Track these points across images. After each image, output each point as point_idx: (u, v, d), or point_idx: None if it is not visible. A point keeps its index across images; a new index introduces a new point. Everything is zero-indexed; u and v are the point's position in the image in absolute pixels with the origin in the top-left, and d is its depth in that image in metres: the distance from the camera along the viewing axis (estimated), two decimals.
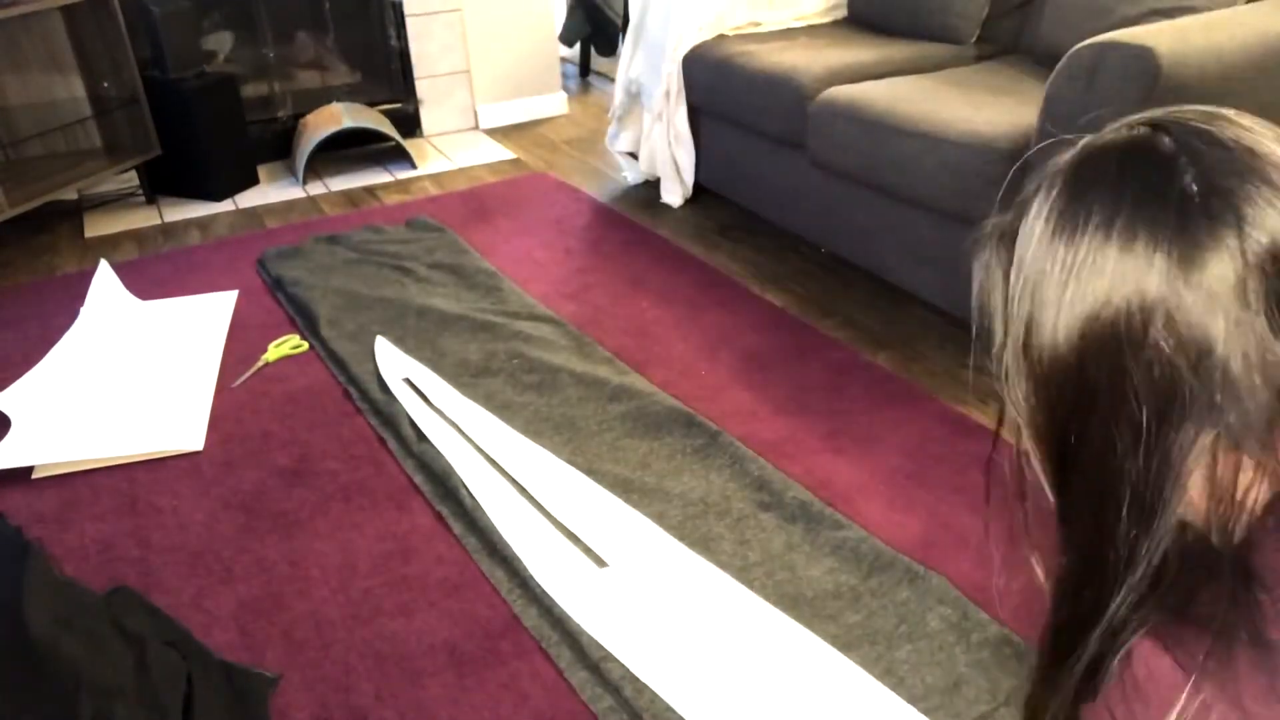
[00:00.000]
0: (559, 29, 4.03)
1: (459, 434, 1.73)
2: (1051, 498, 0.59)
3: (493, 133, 3.66)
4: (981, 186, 1.80)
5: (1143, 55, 1.48)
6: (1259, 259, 0.48)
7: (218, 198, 3.02)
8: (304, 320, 2.20)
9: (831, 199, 2.23)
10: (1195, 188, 0.50)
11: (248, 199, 3.05)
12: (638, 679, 1.21)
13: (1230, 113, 0.53)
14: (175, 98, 2.86)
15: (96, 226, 2.86)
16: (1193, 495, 0.52)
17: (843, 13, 2.82)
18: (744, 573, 1.39)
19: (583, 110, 3.91)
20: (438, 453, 1.67)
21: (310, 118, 3.27)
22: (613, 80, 3.32)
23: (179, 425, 1.81)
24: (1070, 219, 0.53)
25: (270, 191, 3.11)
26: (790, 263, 2.43)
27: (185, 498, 1.63)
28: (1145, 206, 0.50)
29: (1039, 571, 0.61)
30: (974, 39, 2.49)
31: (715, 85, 2.52)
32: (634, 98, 2.89)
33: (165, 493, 1.65)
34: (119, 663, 1.20)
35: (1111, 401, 0.52)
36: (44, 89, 2.89)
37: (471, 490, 1.57)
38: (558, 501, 1.55)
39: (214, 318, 2.23)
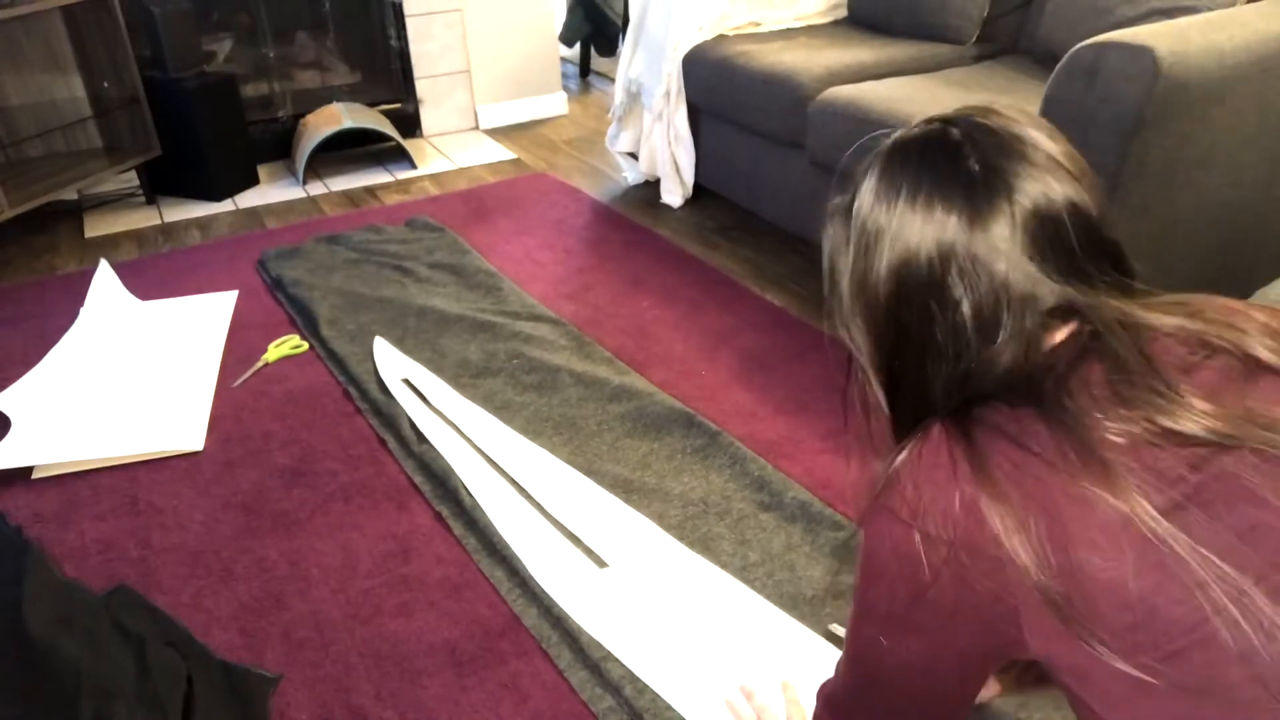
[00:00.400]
0: (559, 29, 4.03)
1: (458, 434, 1.73)
2: (885, 409, 0.75)
3: (493, 133, 3.66)
4: None
5: (1143, 55, 1.48)
6: (1025, 218, 0.65)
7: (218, 198, 3.03)
8: (304, 320, 2.20)
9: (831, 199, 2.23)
10: (977, 168, 0.66)
11: (248, 199, 3.05)
12: (638, 679, 1.21)
13: (1002, 107, 0.71)
14: (175, 98, 2.86)
15: (96, 226, 2.87)
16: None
17: (843, 13, 2.82)
18: (744, 572, 1.39)
19: (583, 110, 3.92)
20: (438, 453, 1.67)
21: (310, 118, 3.27)
22: (613, 80, 3.32)
23: (179, 425, 1.81)
24: (886, 193, 0.69)
25: (270, 191, 3.11)
26: (790, 263, 2.43)
27: (185, 498, 1.63)
28: (940, 182, 0.67)
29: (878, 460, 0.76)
30: (974, 39, 2.49)
31: (715, 85, 2.52)
32: (634, 98, 2.89)
33: (165, 493, 1.65)
34: (119, 663, 1.20)
35: (921, 331, 0.68)
36: (44, 89, 2.89)
37: (471, 490, 1.57)
38: (558, 502, 1.55)
39: (214, 318, 2.23)
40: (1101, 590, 0.58)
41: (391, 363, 1.96)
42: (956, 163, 0.67)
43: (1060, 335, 0.66)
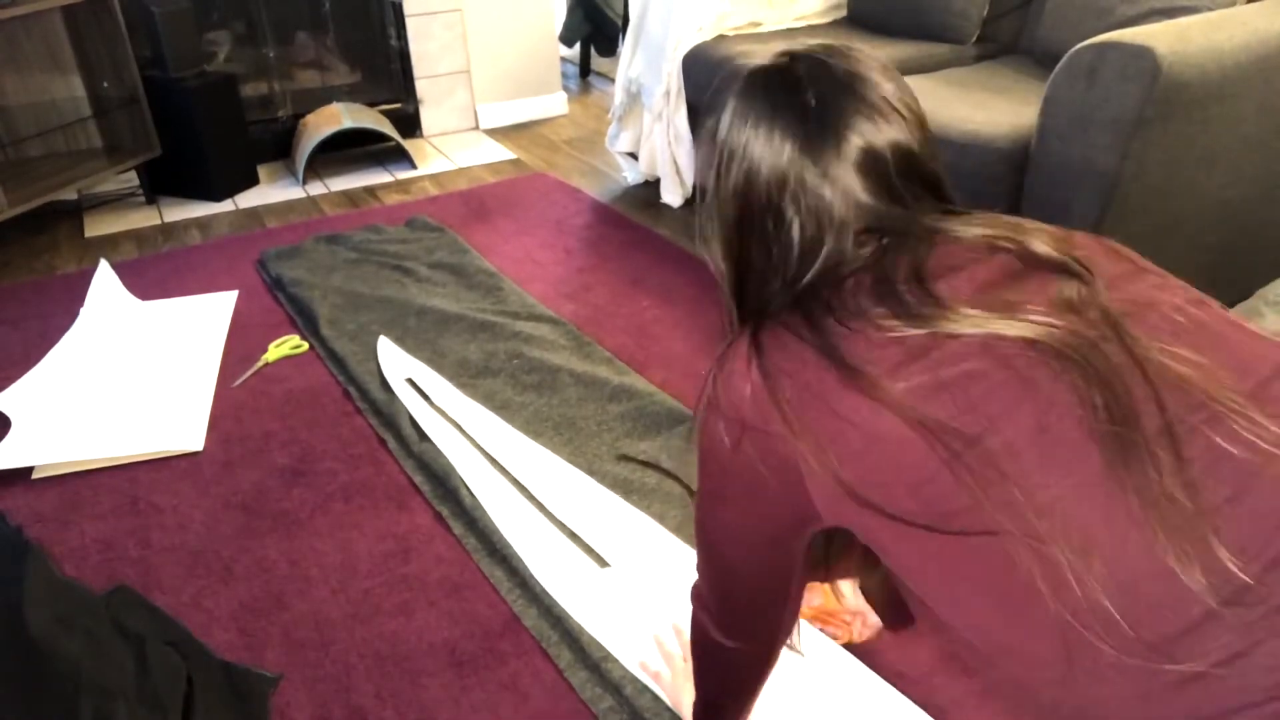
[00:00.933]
0: (559, 29, 4.03)
1: (461, 434, 1.73)
2: (731, 302, 0.84)
3: (493, 133, 3.66)
4: (982, 186, 1.80)
5: (1143, 55, 1.48)
6: (852, 151, 0.74)
7: (218, 198, 3.03)
8: (304, 320, 2.20)
9: None
10: (813, 102, 0.75)
11: (248, 199, 3.05)
12: (638, 679, 1.21)
13: (849, 47, 0.79)
14: (175, 98, 2.86)
15: (96, 226, 2.87)
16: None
17: (843, 13, 2.82)
18: None
19: (583, 110, 3.92)
20: (438, 452, 1.67)
21: (310, 118, 3.27)
22: (613, 80, 3.32)
23: (179, 425, 1.81)
24: (739, 119, 0.78)
25: (270, 191, 3.11)
26: None
27: (185, 498, 1.63)
28: (781, 112, 0.76)
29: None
30: (974, 39, 2.49)
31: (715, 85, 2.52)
32: (634, 98, 2.89)
33: (165, 493, 1.65)
34: (119, 663, 1.20)
35: (761, 238, 0.78)
36: (44, 89, 2.89)
37: (473, 490, 1.57)
38: (560, 502, 1.55)
39: (214, 318, 2.23)
40: (868, 462, 0.67)
41: (395, 362, 1.96)
42: (796, 96, 0.76)
43: (868, 249, 0.75)
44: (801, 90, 0.76)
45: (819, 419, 0.69)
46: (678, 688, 1.16)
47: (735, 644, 0.90)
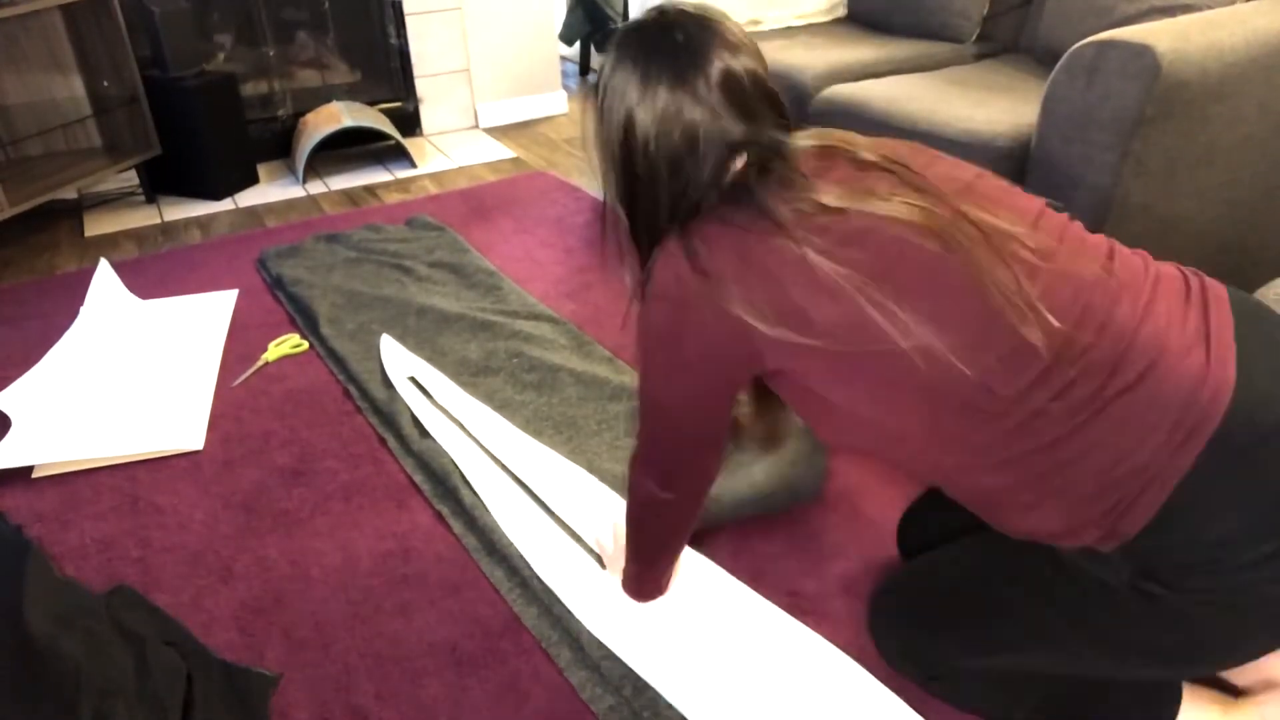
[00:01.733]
0: (559, 28, 4.03)
1: (463, 431, 1.73)
2: (627, 224, 1.00)
3: (493, 131, 3.66)
4: None
5: (1143, 53, 1.48)
6: (718, 78, 0.92)
7: (218, 197, 3.03)
8: (304, 319, 2.20)
9: None
10: (681, 39, 0.92)
11: (248, 198, 3.05)
12: (638, 679, 1.21)
13: (708, 4, 0.97)
14: (175, 97, 2.86)
15: (96, 226, 2.87)
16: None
17: (843, 11, 2.81)
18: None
19: (583, 109, 3.91)
20: (439, 451, 1.66)
21: (310, 117, 3.27)
22: None
23: (179, 425, 1.81)
24: (617, 67, 0.94)
25: (270, 190, 3.11)
26: None
27: (185, 497, 1.63)
28: (654, 53, 0.93)
29: (628, 271, 1.04)
30: (974, 37, 2.49)
31: None
32: None
33: (165, 492, 1.65)
34: (119, 663, 1.20)
35: (649, 168, 0.95)
36: (44, 88, 2.89)
37: (474, 488, 1.57)
38: (563, 501, 1.55)
39: (214, 317, 2.23)
40: (795, 305, 0.87)
41: (398, 360, 1.96)
42: (668, 35, 0.93)
43: (739, 163, 0.94)
44: (672, 31, 0.93)
45: (753, 278, 0.88)
46: (614, 561, 1.33)
47: (672, 494, 1.09)
